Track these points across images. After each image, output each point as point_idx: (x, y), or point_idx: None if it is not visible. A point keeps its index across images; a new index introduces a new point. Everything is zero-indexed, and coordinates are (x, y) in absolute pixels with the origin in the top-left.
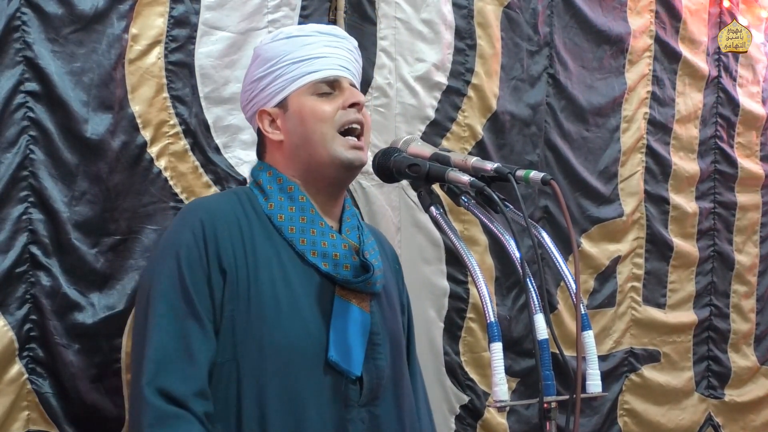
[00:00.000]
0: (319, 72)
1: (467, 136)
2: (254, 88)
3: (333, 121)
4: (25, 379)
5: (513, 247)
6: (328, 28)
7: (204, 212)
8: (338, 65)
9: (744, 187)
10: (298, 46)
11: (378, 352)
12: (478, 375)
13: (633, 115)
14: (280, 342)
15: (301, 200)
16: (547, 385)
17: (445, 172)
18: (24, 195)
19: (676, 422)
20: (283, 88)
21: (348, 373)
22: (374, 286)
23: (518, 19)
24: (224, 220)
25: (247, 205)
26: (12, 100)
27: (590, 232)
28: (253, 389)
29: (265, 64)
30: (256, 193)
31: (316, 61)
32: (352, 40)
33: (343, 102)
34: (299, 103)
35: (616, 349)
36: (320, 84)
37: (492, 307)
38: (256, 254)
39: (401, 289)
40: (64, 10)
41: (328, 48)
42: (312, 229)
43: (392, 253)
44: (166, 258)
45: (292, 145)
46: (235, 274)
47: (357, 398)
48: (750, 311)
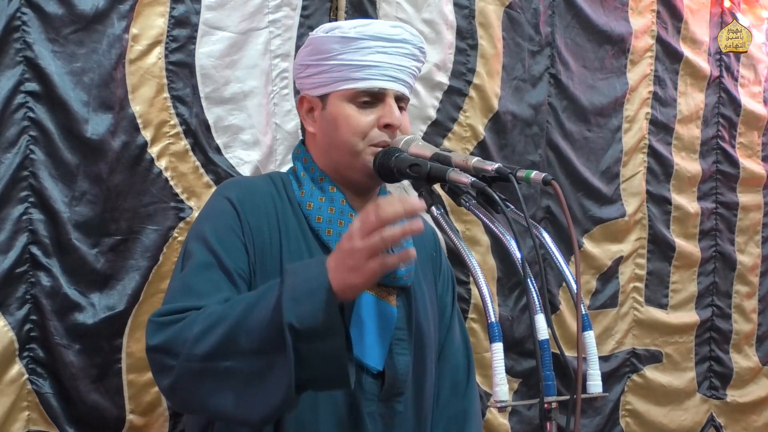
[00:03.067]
0: (364, 81)
1: (469, 136)
2: (302, 71)
3: (367, 136)
4: (25, 379)
5: (514, 248)
6: (388, 30)
7: (239, 190)
8: (386, 76)
9: (746, 188)
10: (350, 48)
11: (403, 347)
12: (481, 376)
13: (635, 115)
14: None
15: (331, 191)
16: (547, 385)
17: (446, 172)
18: (24, 195)
19: (678, 423)
20: (325, 84)
21: (369, 368)
22: (400, 280)
23: (520, 19)
24: (260, 199)
25: (281, 190)
26: (12, 100)
27: (592, 232)
28: None
29: (314, 55)
30: (290, 179)
31: (364, 69)
32: (414, 41)
33: (379, 120)
34: (337, 107)
35: (618, 349)
36: (362, 94)
37: (493, 308)
38: (289, 238)
39: (437, 276)
40: (64, 10)
41: (380, 55)
42: (340, 219)
43: (432, 239)
44: (203, 222)
45: (323, 143)
46: (269, 251)
47: (376, 392)
48: (752, 312)
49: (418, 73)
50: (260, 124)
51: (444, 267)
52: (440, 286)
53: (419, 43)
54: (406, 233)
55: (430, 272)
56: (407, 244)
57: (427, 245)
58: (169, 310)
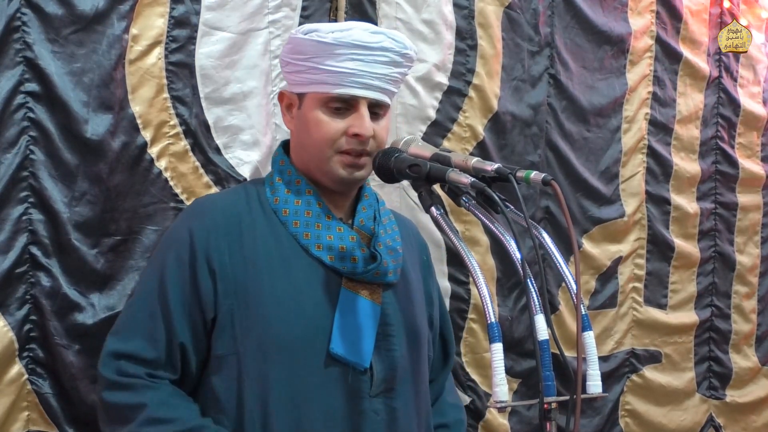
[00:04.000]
0: (336, 87)
1: (468, 136)
2: (284, 66)
3: (335, 144)
4: (25, 379)
5: (514, 248)
6: (367, 37)
7: (197, 220)
8: (360, 83)
9: (745, 188)
10: (325, 53)
11: (391, 343)
12: (480, 376)
13: (634, 116)
14: (281, 336)
15: (308, 194)
16: (547, 385)
17: (445, 172)
18: (24, 195)
19: (677, 423)
20: (302, 84)
21: (355, 365)
22: (384, 276)
23: (519, 19)
24: (221, 221)
25: (254, 201)
26: (12, 100)
27: (591, 232)
28: (255, 382)
29: (293, 54)
30: (265, 186)
31: (337, 75)
32: (396, 48)
33: (348, 128)
34: (310, 110)
35: (617, 349)
36: (334, 99)
37: (493, 308)
38: (257, 250)
39: (428, 280)
40: (64, 11)
41: (355, 63)
42: (317, 223)
43: (420, 243)
44: (157, 259)
45: (297, 142)
46: (230, 273)
47: (368, 389)
48: (751, 312)
49: (402, 78)
50: (260, 124)
51: (434, 276)
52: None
53: (402, 49)
54: None
55: (420, 272)
56: (395, 244)
57: (417, 247)
58: (124, 371)
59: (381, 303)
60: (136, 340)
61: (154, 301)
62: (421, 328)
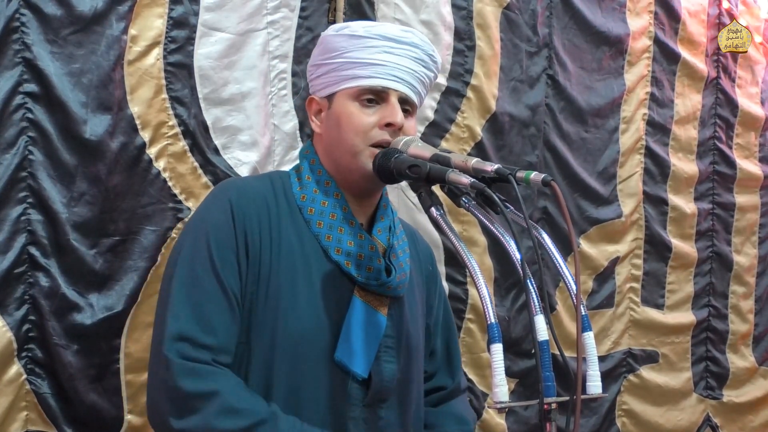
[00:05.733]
0: (368, 79)
1: (466, 137)
2: (313, 72)
3: (367, 136)
4: (23, 379)
5: (513, 248)
6: (398, 32)
7: (235, 193)
8: (391, 75)
9: (743, 188)
10: (357, 46)
11: (390, 355)
12: (477, 376)
13: (632, 116)
14: (292, 331)
15: (336, 197)
16: (547, 386)
17: (445, 173)
18: (23, 196)
19: (674, 423)
20: (332, 84)
21: (355, 374)
22: (395, 290)
23: (517, 20)
24: (254, 203)
25: (279, 192)
26: (11, 101)
27: (589, 233)
28: (261, 374)
29: (324, 54)
30: (292, 181)
31: (370, 67)
32: (425, 47)
33: (381, 119)
34: (341, 106)
35: (614, 349)
36: (366, 91)
37: (493, 309)
38: (281, 242)
39: (432, 290)
40: (63, 12)
41: (386, 55)
42: (340, 227)
43: (427, 255)
44: (196, 234)
45: (327, 142)
46: (259, 258)
47: (361, 398)
48: (748, 312)
49: (429, 82)
50: (258, 125)
51: (439, 285)
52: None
53: (430, 50)
54: None
55: (424, 284)
56: (405, 256)
57: (423, 259)
58: (189, 355)
59: (387, 315)
60: (198, 323)
61: (210, 279)
62: (419, 342)
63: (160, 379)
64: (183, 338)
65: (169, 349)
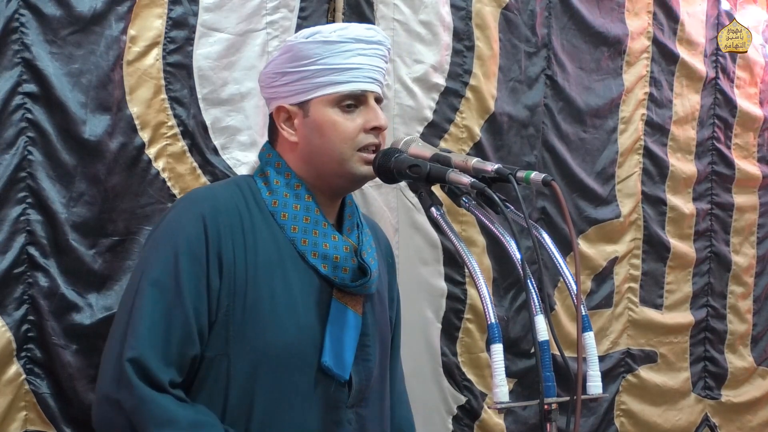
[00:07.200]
0: (347, 84)
1: (465, 137)
2: (276, 79)
3: (354, 141)
4: (23, 379)
5: (514, 249)
6: (366, 32)
7: (207, 205)
8: (368, 78)
9: (741, 189)
10: (332, 52)
11: (368, 353)
12: (476, 376)
13: (630, 117)
14: (273, 342)
15: (307, 199)
16: (547, 386)
17: (445, 173)
18: (22, 196)
19: (672, 423)
20: (306, 91)
21: (338, 377)
22: (370, 288)
23: (516, 20)
24: (227, 215)
25: (250, 199)
26: (10, 101)
27: (587, 233)
28: (241, 386)
29: (295, 62)
30: (259, 186)
31: (346, 72)
32: (386, 42)
33: (365, 124)
34: (321, 113)
35: (613, 349)
36: (346, 97)
37: (493, 309)
38: (257, 251)
39: (392, 283)
40: (62, 12)
41: (361, 57)
42: (315, 230)
43: (386, 245)
44: (165, 247)
45: (306, 151)
46: (233, 272)
47: (346, 400)
48: (747, 312)
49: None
50: (257, 125)
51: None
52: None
53: (388, 44)
54: None
55: (386, 277)
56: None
57: (384, 252)
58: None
59: (362, 314)
60: (156, 353)
61: (171, 307)
62: (387, 336)
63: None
64: (139, 365)
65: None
